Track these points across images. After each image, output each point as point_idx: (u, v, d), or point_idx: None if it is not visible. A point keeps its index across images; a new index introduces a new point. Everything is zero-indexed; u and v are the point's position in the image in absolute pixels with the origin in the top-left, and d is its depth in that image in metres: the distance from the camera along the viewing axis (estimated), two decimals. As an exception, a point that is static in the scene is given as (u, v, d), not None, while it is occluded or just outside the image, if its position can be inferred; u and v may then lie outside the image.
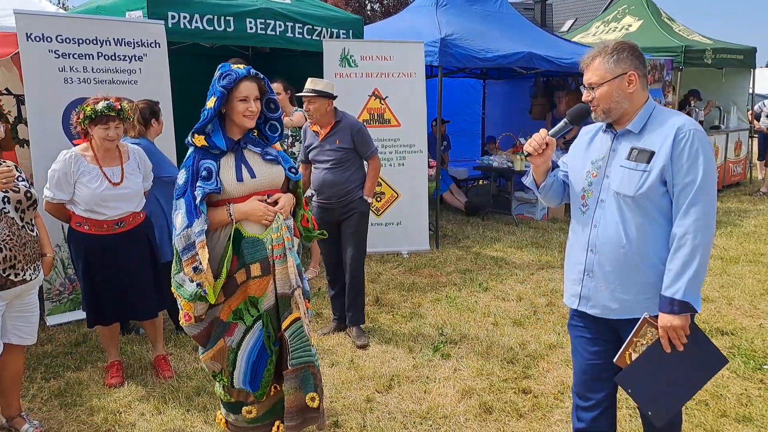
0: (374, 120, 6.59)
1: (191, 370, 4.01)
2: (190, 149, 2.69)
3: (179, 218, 2.61)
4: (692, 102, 10.33)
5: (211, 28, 5.71)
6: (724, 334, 4.56)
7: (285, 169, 2.79)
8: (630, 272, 2.31)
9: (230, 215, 2.64)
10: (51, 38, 4.53)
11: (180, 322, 2.77)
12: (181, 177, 2.64)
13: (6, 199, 2.97)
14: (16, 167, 3.12)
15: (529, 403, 3.58)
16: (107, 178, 3.52)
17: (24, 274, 3.02)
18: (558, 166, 2.62)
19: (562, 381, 3.84)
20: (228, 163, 2.67)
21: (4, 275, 2.93)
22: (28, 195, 3.08)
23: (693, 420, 3.37)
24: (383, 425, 3.36)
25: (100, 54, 4.75)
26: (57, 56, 4.56)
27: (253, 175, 2.69)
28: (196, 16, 5.60)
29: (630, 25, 10.82)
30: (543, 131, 2.46)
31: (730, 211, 9.12)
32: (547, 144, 2.43)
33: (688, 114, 9.49)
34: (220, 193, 2.63)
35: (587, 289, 2.43)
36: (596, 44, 2.58)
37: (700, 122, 9.56)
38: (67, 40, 4.60)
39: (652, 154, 2.25)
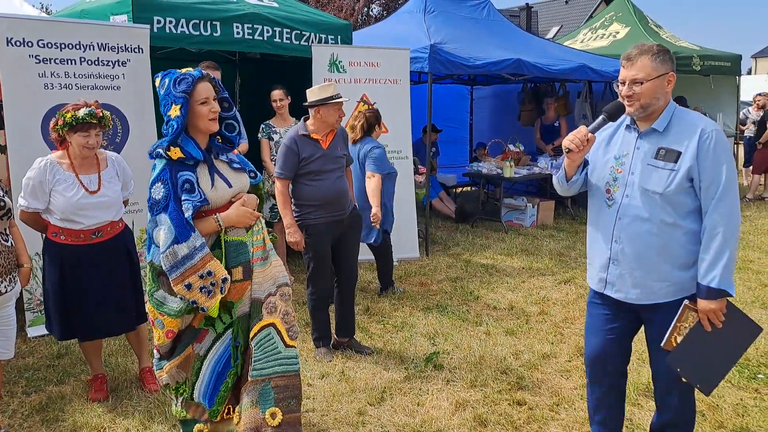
0: (363, 126, 6.51)
1: (177, 383, 3.90)
2: (161, 163, 2.55)
3: (162, 235, 2.48)
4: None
5: (197, 33, 5.60)
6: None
7: (247, 174, 2.79)
8: (652, 262, 2.51)
9: (219, 224, 2.58)
10: (32, 43, 4.42)
11: (157, 342, 2.62)
12: (159, 191, 2.51)
13: None
14: None
15: (525, 415, 3.51)
16: (83, 186, 3.40)
17: (-1, 286, 2.91)
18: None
19: (556, 392, 3.77)
20: (203, 173, 2.61)
21: None
22: (1, 204, 2.96)
23: None
24: (376, 440, 3.28)
25: (83, 59, 4.64)
26: (38, 61, 4.45)
27: (229, 185, 2.66)
28: (182, 20, 5.49)
29: (617, 32, 10.83)
30: (582, 128, 2.56)
31: (717, 218, 9.11)
32: (588, 140, 2.55)
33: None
34: (208, 204, 2.57)
35: (612, 276, 2.63)
36: (585, 50, 2.70)
37: None
38: (49, 45, 4.49)
39: (679, 154, 2.43)
